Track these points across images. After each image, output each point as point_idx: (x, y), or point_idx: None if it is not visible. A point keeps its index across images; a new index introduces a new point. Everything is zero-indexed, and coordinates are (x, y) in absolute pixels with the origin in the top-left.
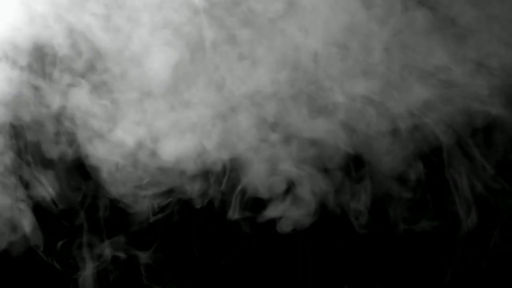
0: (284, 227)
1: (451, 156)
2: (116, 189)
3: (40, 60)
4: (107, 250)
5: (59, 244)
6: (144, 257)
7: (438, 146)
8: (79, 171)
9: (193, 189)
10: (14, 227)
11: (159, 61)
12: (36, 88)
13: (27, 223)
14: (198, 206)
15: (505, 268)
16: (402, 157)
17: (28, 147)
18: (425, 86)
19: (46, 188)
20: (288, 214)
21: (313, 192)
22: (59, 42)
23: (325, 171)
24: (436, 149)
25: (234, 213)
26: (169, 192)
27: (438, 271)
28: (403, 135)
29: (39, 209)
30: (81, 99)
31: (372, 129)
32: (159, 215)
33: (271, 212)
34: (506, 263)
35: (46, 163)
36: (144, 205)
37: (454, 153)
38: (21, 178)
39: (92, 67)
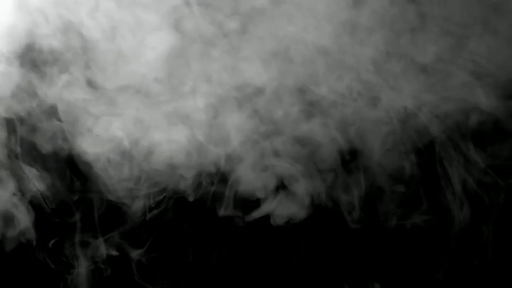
0: (278, 220)
1: (443, 150)
2: (109, 184)
3: (33, 54)
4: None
5: (52, 241)
6: (137, 254)
7: (431, 140)
8: (71, 166)
9: (186, 183)
10: (6, 222)
11: (150, 51)
12: (30, 83)
13: (19, 218)
14: (191, 199)
15: (497, 265)
16: (394, 151)
17: (20, 141)
18: (416, 80)
19: (38, 183)
20: (280, 208)
21: (305, 186)
22: (51, 34)
23: (318, 166)
24: (428, 143)
25: (226, 210)
26: (163, 187)
27: (430, 267)
28: (396, 129)
29: (32, 205)
30: (72, 92)
31: (363, 123)
32: (154, 212)
33: (263, 207)
34: (498, 260)
35: (39, 158)
36: (138, 201)
37: (446, 147)
38: (14, 173)
39: (81, 60)
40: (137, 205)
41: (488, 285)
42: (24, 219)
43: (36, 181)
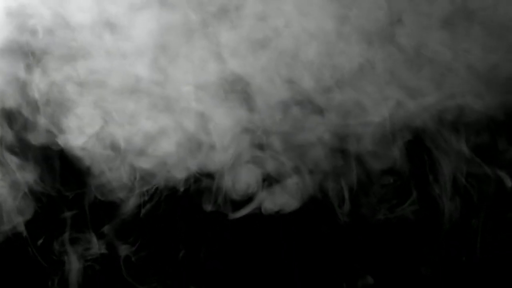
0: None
1: (433, 142)
2: (100, 178)
3: (19, 47)
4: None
5: (43, 237)
6: (128, 251)
7: (420, 131)
8: (61, 160)
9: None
10: None
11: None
12: (16, 76)
13: (9, 212)
14: (181, 189)
15: (485, 260)
16: (383, 142)
17: (7, 134)
18: (404, 70)
19: (27, 177)
20: (267, 200)
21: (293, 179)
22: (39, 27)
23: (305, 159)
24: (417, 134)
25: (213, 205)
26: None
27: (417, 261)
28: (385, 121)
29: (21, 198)
30: (58, 85)
31: (352, 116)
32: (147, 206)
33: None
34: (486, 254)
35: (30, 152)
36: (125, 196)
37: (436, 139)
38: (3, 166)
39: (68, 51)
40: (125, 201)
41: (477, 280)
42: (13, 212)
43: (23, 175)
